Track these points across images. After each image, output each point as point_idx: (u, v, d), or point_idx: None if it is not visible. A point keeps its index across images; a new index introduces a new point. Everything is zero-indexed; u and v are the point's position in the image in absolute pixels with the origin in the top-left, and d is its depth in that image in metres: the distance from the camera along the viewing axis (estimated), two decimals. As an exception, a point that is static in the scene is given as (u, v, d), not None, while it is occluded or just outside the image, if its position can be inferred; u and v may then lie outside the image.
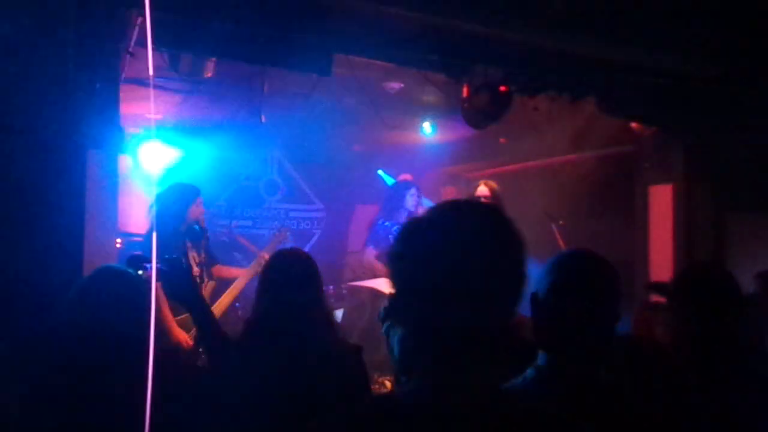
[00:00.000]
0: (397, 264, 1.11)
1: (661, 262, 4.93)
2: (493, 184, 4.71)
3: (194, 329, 4.23)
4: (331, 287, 6.08)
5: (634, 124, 5.08)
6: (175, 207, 4.44)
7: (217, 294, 4.54)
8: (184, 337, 4.18)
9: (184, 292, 2.15)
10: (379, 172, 7.52)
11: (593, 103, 4.61)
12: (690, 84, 4.23)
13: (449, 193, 8.31)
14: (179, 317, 4.21)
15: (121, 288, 1.78)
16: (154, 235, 2.69)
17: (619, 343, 1.65)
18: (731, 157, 4.77)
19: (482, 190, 4.61)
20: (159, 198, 4.37)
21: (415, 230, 1.12)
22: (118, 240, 4.33)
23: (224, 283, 4.70)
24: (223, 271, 4.79)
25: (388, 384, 4.82)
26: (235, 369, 2.05)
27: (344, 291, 6.52)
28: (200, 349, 4.08)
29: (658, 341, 2.36)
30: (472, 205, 1.23)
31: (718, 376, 1.87)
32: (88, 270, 2.58)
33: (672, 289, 2.15)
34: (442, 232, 1.08)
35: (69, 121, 2.95)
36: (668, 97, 4.51)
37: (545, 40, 3.60)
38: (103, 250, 3.08)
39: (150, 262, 2.05)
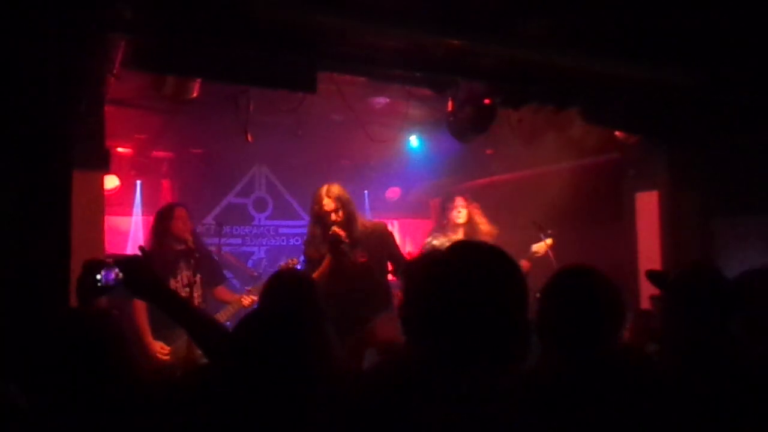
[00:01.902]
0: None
1: (649, 267, 4.95)
2: (337, 191, 4.19)
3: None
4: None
5: (618, 133, 5.12)
6: (157, 225, 4.48)
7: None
8: (160, 349, 4.17)
9: (147, 287, 2.02)
10: None
11: (577, 114, 4.65)
12: (672, 92, 4.29)
13: (437, 204, 8.34)
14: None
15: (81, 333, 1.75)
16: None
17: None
18: (715, 162, 4.82)
19: (327, 203, 4.10)
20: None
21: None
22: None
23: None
24: (224, 294, 4.74)
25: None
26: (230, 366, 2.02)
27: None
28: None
29: (646, 352, 2.41)
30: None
31: (702, 375, 1.91)
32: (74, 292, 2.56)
33: (670, 281, 2.22)
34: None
35: (53, 143, 2.95)
36: (651, 105, 4.57)
37: (527, 53, 3.64)
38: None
39: (108, 264, 2.01)
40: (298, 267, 4.69)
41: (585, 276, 1.80)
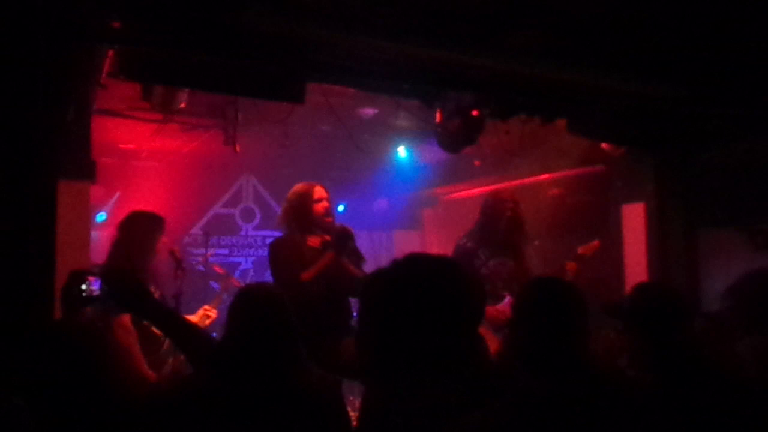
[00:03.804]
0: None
1: (636, 278, 4.98)
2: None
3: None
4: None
5: (604, 144, 5.17)
6: (143, 239, 4.20)
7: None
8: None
9: (131, 297, 2.02)
10: None
11: (564, 125, 4.68)
12: (657, 104, 4.33)
13: (427, 215, 8.37)
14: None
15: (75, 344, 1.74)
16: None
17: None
18: (700, 174, 4.87)
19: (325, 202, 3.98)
20: (123, 229, 3.91)
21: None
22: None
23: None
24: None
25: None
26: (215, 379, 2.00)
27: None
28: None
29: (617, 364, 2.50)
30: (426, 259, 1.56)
31: (672, 390, 1.96)
32: (59, 307, 2.53)
33: (625, 310, 2.28)
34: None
35: (38, 153, 2.92)
36: (637, 117, 4.61)
37: (515, 65, 3.66)
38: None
39: (93, 274, 1.99)
40: None
41: (550, 287, 1.85)
